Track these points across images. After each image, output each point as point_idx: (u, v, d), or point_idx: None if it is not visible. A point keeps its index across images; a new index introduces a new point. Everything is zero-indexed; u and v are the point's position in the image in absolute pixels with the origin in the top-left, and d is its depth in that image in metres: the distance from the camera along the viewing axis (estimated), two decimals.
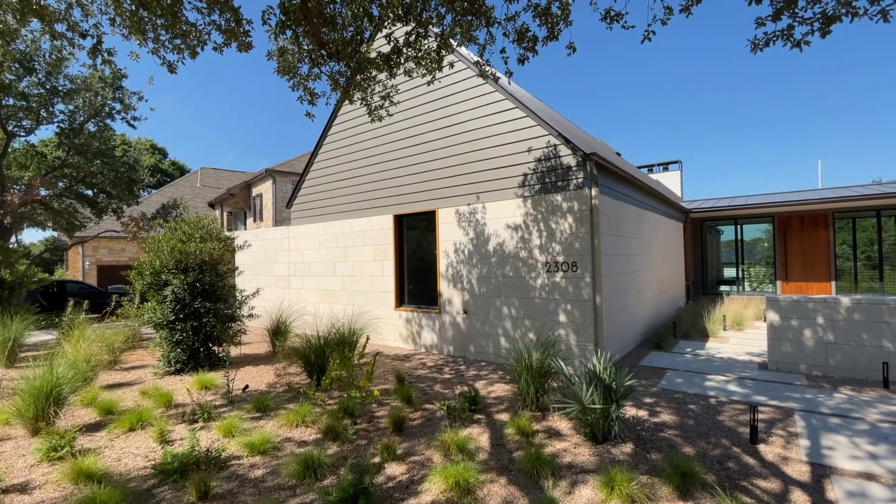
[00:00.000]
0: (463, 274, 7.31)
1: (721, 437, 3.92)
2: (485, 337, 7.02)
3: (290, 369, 6.66)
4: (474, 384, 5.74)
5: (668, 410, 4.61)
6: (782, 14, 3.53)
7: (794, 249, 13.93)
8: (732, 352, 7.16)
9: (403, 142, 8.20)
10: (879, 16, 3.40)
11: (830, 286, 13.26)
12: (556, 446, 3.80)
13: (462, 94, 7.37)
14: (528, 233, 6.59)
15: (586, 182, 6.04)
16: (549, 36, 4.53)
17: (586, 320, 5.99)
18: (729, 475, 3.27)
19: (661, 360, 6.69)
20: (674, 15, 4.00)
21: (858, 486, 3.09)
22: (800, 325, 5.79)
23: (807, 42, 3.70)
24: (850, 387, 5.18)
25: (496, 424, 4.32)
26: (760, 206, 13.02)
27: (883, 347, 5.32)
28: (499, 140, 6.92)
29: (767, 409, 4.58)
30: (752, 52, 3.98)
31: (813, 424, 4.13)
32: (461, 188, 7.36)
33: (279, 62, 5.35)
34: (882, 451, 3.56)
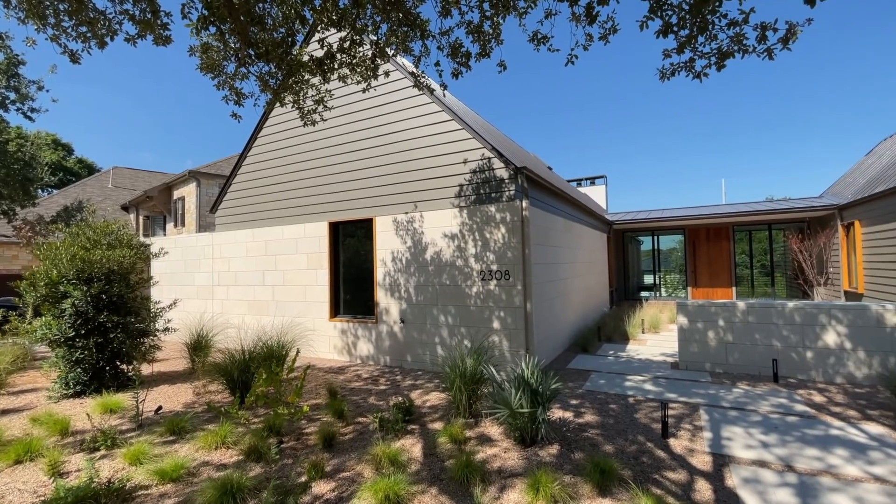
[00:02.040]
0: (401, 283, 7.27)
1: (637, 433, 4.22)
2: (422, 346, 7.01)
3: (211, 387, 6.20)
4: (410, 394, 5.69)
5: (592, 411, 4.88)
6: (685, 48, 3.94)
7: (701, 258, 15.45)
8: (649, 353, 7.76)
9: (340, 147, 8.04)
10: (766, 54, 3.91)
11: (732, 291, 14.85)
12: (486, 452, 3.87)
13: (400, 104, 7.39)
14: (464, 242, 6.71)
15: (518, 194, 6.29)
16: (481, 52, 4.69)
17: (518, 326, 6.20)
18: (643, 469, 3.52)
19: (587, 363, 7.08)
20: (594, 41, 4.32)
21: (753, 472, 3.46)
22: (704, 328, 6.41)
23: (706, 74, 4.15)
24: (746, 382, 5.81)
25: (430, 434, 4.31)
26: (673, 220, 14.31)
27: (773, 346, 6.03)
28: (436, 150, 7.01)
29: (677, 405, 5.00)
30: (661, 81, 4.40)
31: (715, 418, 4.57)
32: (399, 196, 7.34)
33: (202, 59, 5.03)
34: (772, 440, 4.01)
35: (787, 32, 3.62)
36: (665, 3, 3.66)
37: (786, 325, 5.92)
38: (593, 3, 3.90)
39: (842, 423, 4.32)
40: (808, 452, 3.73)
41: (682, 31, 3.81)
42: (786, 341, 5.92)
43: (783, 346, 5.94)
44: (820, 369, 5.74)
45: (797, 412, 4.64)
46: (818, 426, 4.27)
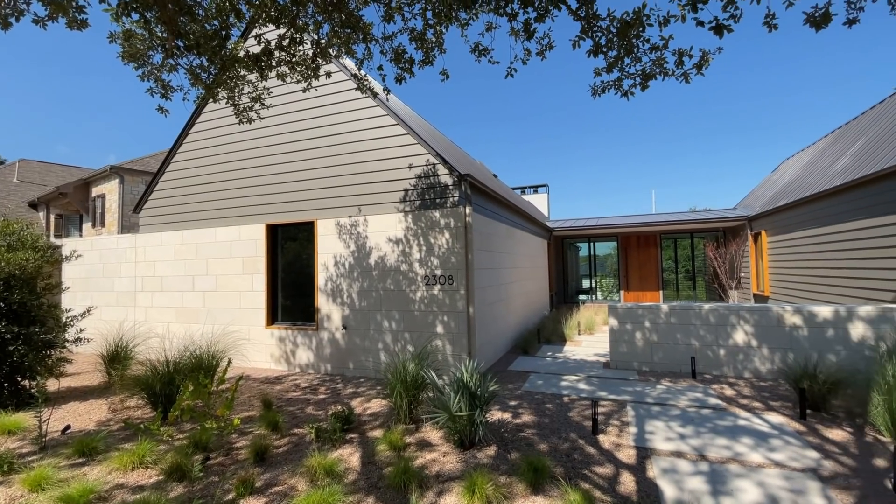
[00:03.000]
0: (343, 288, 7.11)
1: (570, 431, 4.41)
2: (365, 352, 6.89)
3: (129, 402, 5.70)
4: (350, 402, 5.58)
5: (529, 411, 5.04)
6: (613, 68, 4.22)
7: (633, 264, 16.50)
8: (584, 354, 8.16)
9: (280, 147, 7.75)
10: (683, 77, 4.27)
11: (659, 295, 15.98)
12: (426, 457, 3.87)
13: (345, 105, 7.26)
14: (408, 247, 6.70)
15: (461, 200, 6.39)
16: (424, 60, 4.74)
17: (461, 331, 6.28)
18: (574, 466, 3.68)
19: (527, 364, 7.31)
20: (532, 56, 4.51)
21: (671, 463, 3.73)
22: (632, 329, 6.85)
23: (632, 93, 4.47)
24: (668, 379, 6.27)
25: (369, 442, 4.25)
26: (608, 227, 15.19)
27: (692, 345, 6.56)
28: (381, 154, 6.96)
29: (607, 402, 5.30)
30: (593, 97, 4.68)
31: (640, 413, 4.89)
32: (343, 199, 7.19)
33: (124, 47, 4.66)
34: (689, 432, 4.35)
35: (701, 59, 3.99)
36: (595, 25, 3.91)
37: (702, 325, 6.48)
38: (531, 19, 4.07)
39: (748, 415, 4.78)
40: (718, 442, 4.09)
41: (610, 52, 4.08)
42: (702, 340, 6.47)
43: (700, 344, 6.48)
44: (731, 365, 6.33)
45: (711, 405, 5.08)
46: (728, 417, 4.70)
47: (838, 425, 4.42)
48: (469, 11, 4.30)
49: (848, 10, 3.40)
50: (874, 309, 5.74)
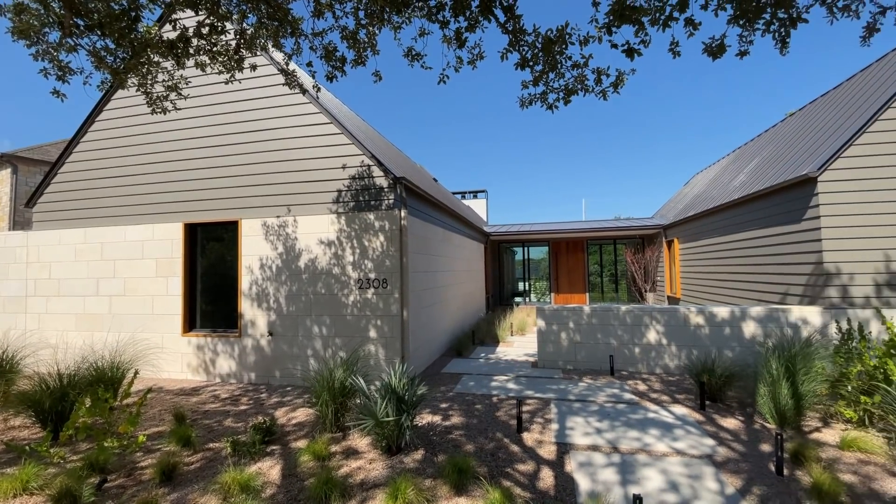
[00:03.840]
0: (270, 292, 6.77)
1: (496, 431, 4.53)
2: (292, 359, 6.60)
3: (14, 422, 5.02)
4: (274, 412, 5.32)
5: (459, 413, 5.11)
6: (539, 81, 4.42)
7: (562, 268, 17.36)
8: (515, 354, 8.43)
9: (202, 141, 7.23)
10: (601, 94, 4.57)
11: (586, 297, 16.94)
12: (351, 465, 3.79)
13: (274, 100, 6.94)
14: (341, 249, 6.53)
15: (397, 203, 6.36)
16: (357, 59, 4.66)
17: (394, 335, 6.22)
18: (498, 464, 3.78)
19: (460, 366, 7.41)
20: (464, 65, 4.60)
21: (587, 457, 3.95)
22: (558, 329, 7.19)
23: (556, 106, 4.70)
24: (590, 376, 6.65)
25: (292, 453, 4.07)
26: (540, 233, 15.87)
27: (611, 344, 7.01)
28: (313, 153, 6.73)
29: (533, 401, 5.51)
30: (521, 108, 4.86)
31: (562, 410, 5.14)
32: (271, 199, 6.86)
33: (14, 22, 4.12)
34: (605, 426, 4.63)
35: (617, 79, 4.30)
36: (522, 39, 4.07)
37: (620, 325, 6.96)
38: (462, 28, 4.16)
39: (657, 408, 5.20)
40: (630, 434, 4.40)
41: (536, 66, 4.27)
42: (620, 339, 6.95)
43: (618, 343, 6.95)
44: (645, 362, 6.85)
45: (625, 400, 5.46)
46: (640, 411, 5.08)
47: (732, 414, 4.93)
48: (401, 15, 4.30)
49: (740, 44, 3.83)
50: (763, 309, 6.49)
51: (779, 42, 3.56)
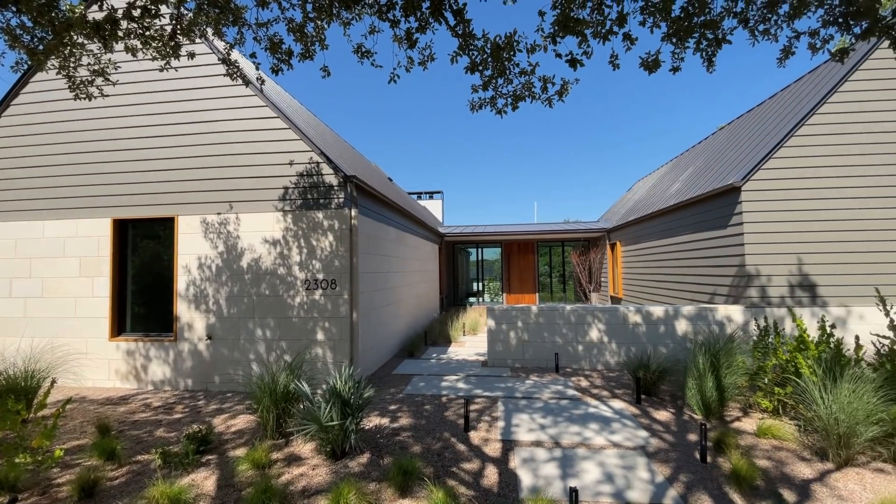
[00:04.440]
0: (209, 293, 6.41)
1: (444, 431, 4.55)
2: (233, 364, 6.29)
3: None
4: (212, 420, 5.05)
5: (408, 414, 5.09)
6: (489, 86, 4.50)
7: (514, 269, 17.78)
8: (466, 354, 8.52)
9: (134, 131, 6.73)
10: (547, 102, 4.71)
11: (535, 297, 17.44)
12: (293, 472, 3.66)
13: (216, 91, 6.58)
14: (287, 249, 6.31)
15: (347, 202, 6.23)
16: (304, 53, 4.52)
17: (343, 337, 6.09)
18: (444, 464, 3.80)
19: (411, 367, 7.39)
20: (415, 65, 4.59)
21: (531, 453, 4.06)
22: (507, 329, 7.35)
23: (504, 111, 4.80)
24: (536, 374, 6.85)
25: (229, 462, 3.87)
26: (493, 235, 16.15)
27: (556, 342, 7.26)
28: (258, 148, 6.46)
29: (482, 399, 5.59)
30: (472, 112, 4.93)
31: (509, 408, 5.25)
32: (211, 195, 6.50)
33: None
34: (548, 423, 4.78)
35: (562, 87, 4.46)
36: (471, 44, 4.12)
37: (565, 324, 7.22)
38: (412, 29, 4.15)
39: (597, 403, 5.44)
40: (571, 429, 4.57)
41: (485, 70, 4.34)
42: (565, 338, 7.21)
43: (563, 341, 7.21)
44: (587, 359, 7.15)
45: (568, 396, 5.67)
46: (581, 406, 5.29)
47: (664, 407, 5.26)
48: (351, 11, 4.23)
49: (673, 60, 4.09)
50: (693, 308, 6.98)
51: (706, 60, 3.84)
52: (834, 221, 6.99)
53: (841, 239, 6.94)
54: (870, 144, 7.04)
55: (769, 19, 3.74)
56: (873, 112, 7.08)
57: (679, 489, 3.36)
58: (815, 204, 7.05)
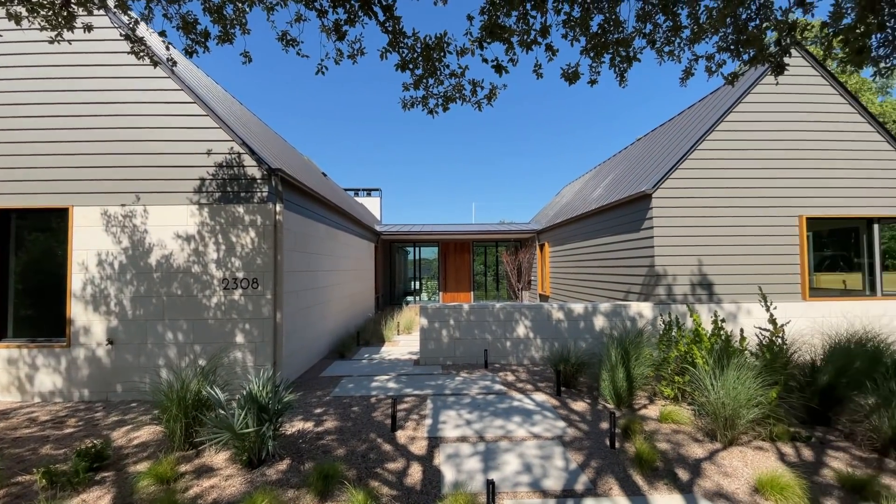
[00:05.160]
0: (110, 293, 5.79)
1: (371, 432, 4.49)
2: (139, 371, 5.74)
3: None
4: (111, 433, 4.57)
5: (335, 417, 4.95)
6: (419, 85, 4.50)
7: (450, 268, 18.00)
8: (399, 353, 8.49)
9: (17, 109, 5.89)
10: (476, 105, 4.81)
11: (471, 295, 17.79)
12: (203, 484, 3.42)
13: (123, 70, 5.96)
14: (204, 245, 5.87)
15: (271, 196, 5.93)
16: (223, 36, 4.22)
17: (266, 339, 5.79)
18: (368, 466, 3.75)
19: (341, 369, 7.21)
20: (344, 58, 4.47)
21: (456, 448, 4.12)
22: (440, 327, 7.43)
23: (436, 112, 4.84)
24: (466, 370, 6.98)
25: (129, 479, 3.53)
26: (430, 234, 16.24)
27: (486, 338, 7.45)
28: (171, 135, 5.94)
29: (411, 398, 5.59)
30: (404, 110, 4.90)
31: (438, 405, 5.30)
32: (114, 184, 5.87)
33: None
34: (474, 418, 4.89)
35: (491, 92, 4.58)
36: (402, 42, 4.10)
37: (494, 321, 7.44)
38: (341, 20, 4.04)
39: (521, 396, 5.66)
40: (496, 423, 4.71)
41: (416, 69, 4.34)
42: (494, 334, 7.43)
43: (493, 338, 7.43)
44: (515, 355, 7.43)
45: (495, 391, 5.85)
46: (506, 400, 5.48)
47: (582, 398, 5.60)
48: None
49: (590, 73, 4.35)
50: (610, 305, 7.50)
51: (619, 76, 4.13)
52: (727, 227, 7.87)
53: (732, 243, 7.84)
54: (757, 160, 8.01)
55: (673, 42, 4.12)
56: (760, 132, 8.07)
57: (590, 474, 3.59)
58: (712, 212, 7.88)
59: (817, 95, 8.18)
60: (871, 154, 8.13)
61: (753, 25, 3.97)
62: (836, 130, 8.13)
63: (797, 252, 7.86)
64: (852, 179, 8.07)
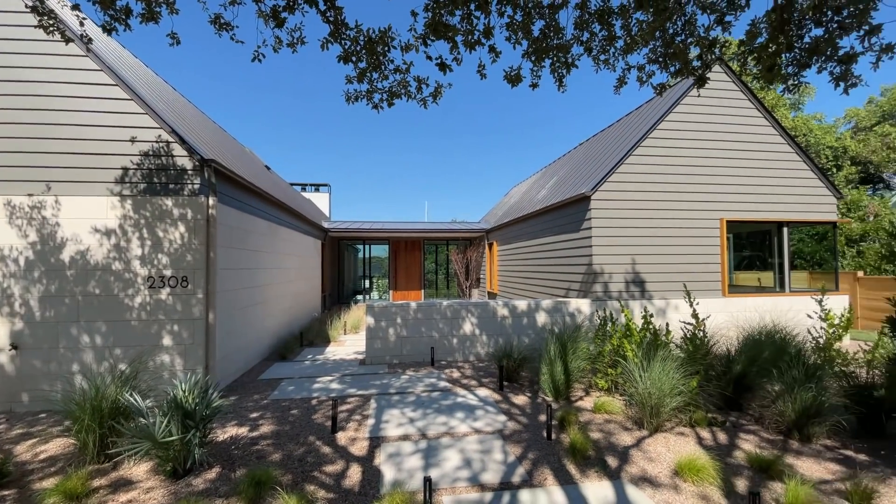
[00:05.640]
0: (15, 293, 5.20)
1: (310, 434, 4.35)
2: (49, 378, 5.20)
3: None
4: (14, 447, 4.11)
5: (272, 421, 4.76)
6: (363, 79, 4.41)
7: (401, 266, 17.88)
8: (345, 353, 8.30)
9: None
10: (422, 103, 4.79)
11: (421, 293, 17.77)
12: (120, 499, 3.16)
13: (30, 46, 5.35)
14: (126, 240, 5.42)
15: (203, 189, 5.58)
16: (147, 14, 3.90)
17: (197, 341, 5.45)
18: (305, 469, 3.63)
19: (282, 371, 6.94)
20: (283, 46, 4.29)
21: (397, 447, 4.09)
22: (386, 325, 7.35)
23: (381, 107, 4.76)
24: (413, 369, 6.96)
25: (32, 497, 3.19)
26: (381, 231, 16.02)
27: (433, 336, 7.47)
28: (88, 119, 5.42)
29: (355, 398, 5.49)
30: (348, 103, 4.79)
31: (381, 405, 5.24)
32: (18, 171, 5.28)
33: None
34: (417, 416, 4.87)
35: (436, 90, 4.58)
36: (344, 33, 4.00)
37: (441, 319, 7.48)
38: (279, 7, 3.87)
39: (465, 392, 5.72)
40: (439, 420, 4.73)
41: (360, 62, 4.25)
42: (441, 332, 7.47)
43: (440, 335, 7.46)
44: (461, 351, 7.51)
45: (440, 388, 5.88)
46: (451, 397, 5.52)
47: (523, 392, 5.75)
48: None
49: (532, 76, 4.47)
50: (551, 302, 7.77)
51: (557, 80, 4.28)
52: (657, 229, 8.41)
53: (662, 244, 8.39)
54: (684, 166, 8.62)
55: (608, 51, 4.32)
56: (687, 140, 8.68)
57: (527, 466, 3.70)
58: (644, 213, 8.39)
59: (737, 109, 8.93)
60: (783, 164, 9.01)
61: (680, 40, 4.25)
62: (752, 141, 8.92)
63: (718, 252, 8.55)
64: (766, 186, 8.90)
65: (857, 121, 25.03)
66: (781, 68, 4.14)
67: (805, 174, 9.08)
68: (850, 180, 20.72)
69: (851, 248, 14.25)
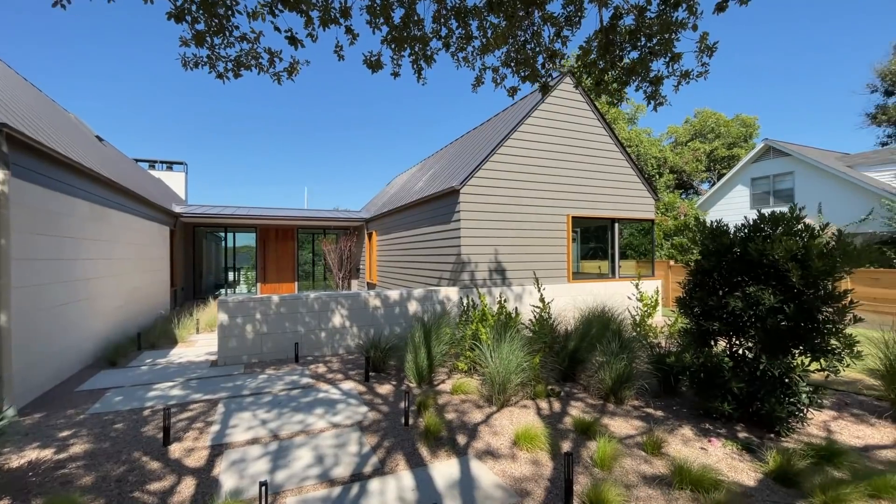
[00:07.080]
0: None
1: (135, 450, 3.78)
2: None
3: None
4: None
5: (87, 439, 4.01)
6: (202, 44, 3.88)
7: (271, 256, 16.62)
8: (194, 354, 7.40)
9: None
10: (276, 78, 4.41)
11: (295, 286, 16.78)
12: None
13: None
14: None
15: None
16: None
17: None
18: (123, 491, 3.14)
19: (109, 380, 5.90)
20: None
21: (243, 453, 3.77)
22: (243, 322, 6.74)
23: (227, 77, 4.27)
24: (274, 367, 6.51)
25: None
26: (247, 218, 14.62)
27: (298, 331, 7.08)
28: None
29: (199, 405, 4.92)
30: (184, 69, 4.19)
31: (231, 409, 4.79)
32: None
33: None
34: (271, 417, 4.56)
35: (291, 66, 4.27)
36: None
37: (308, 312, 7.13)
38: None
39: (329, 387, 5.55)
40: (295, 419, 4.50)
41: (196, 24, 3.74)
42: (308, 326, 7.12)
43: (306, 330, 7.11)
44: (330, 345, 7.27)
45: (302, 385, 5.61)
46: (312, 393, 5.30)
47: (389, 381, 5.79)
48: None
49: (393, 65, 4.43)
50: (423, 290, 7.96)
51: (416, 72, 4.33)
52: (516, 221, 9.19)
53: (520, 235, 9.19)
54: (539, 166, 9.53)
55: (465, 49, 4.51)
56: (542, 142, 9.61)
57: (381, 455, 3.73)
58: (505, 208, 9.09)
59: (583, 118, 10.16)
60: (616, 168, 10.53)
61: (530, 48, 4.62)
62: (594, 148, 10.25)
63: (565, 243, 9.69)
64: (603, 187, 10.32)
65: (676, 136, 30.54)
66: (608, 84, 4.79)
67: (633, 179, 10.76)
68: (668, 185, 25.19)
69: (667, 241, 17.41)
